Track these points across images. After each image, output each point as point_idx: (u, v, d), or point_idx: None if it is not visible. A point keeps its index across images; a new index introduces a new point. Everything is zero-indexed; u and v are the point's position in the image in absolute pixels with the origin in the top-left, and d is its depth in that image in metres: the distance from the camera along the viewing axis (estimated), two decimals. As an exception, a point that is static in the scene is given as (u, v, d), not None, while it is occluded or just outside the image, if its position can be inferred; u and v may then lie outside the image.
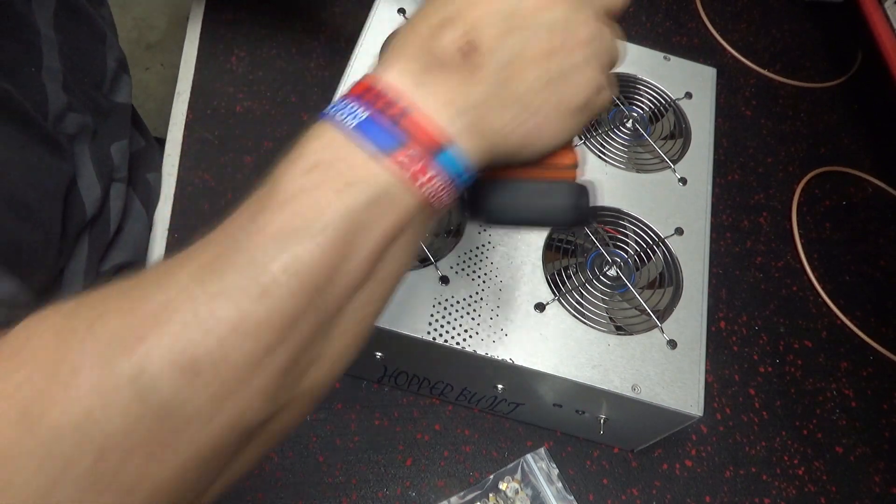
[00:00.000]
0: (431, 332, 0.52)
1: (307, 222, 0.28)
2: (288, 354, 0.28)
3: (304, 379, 0.29)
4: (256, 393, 0.27)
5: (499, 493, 0.59)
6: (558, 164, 0.36)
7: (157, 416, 0.25)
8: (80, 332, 0.26)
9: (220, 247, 0.28)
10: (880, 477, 0.67)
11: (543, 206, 0.37)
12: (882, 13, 0.80)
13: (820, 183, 0.84)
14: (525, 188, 0.36)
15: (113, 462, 0.25)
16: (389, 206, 0.29)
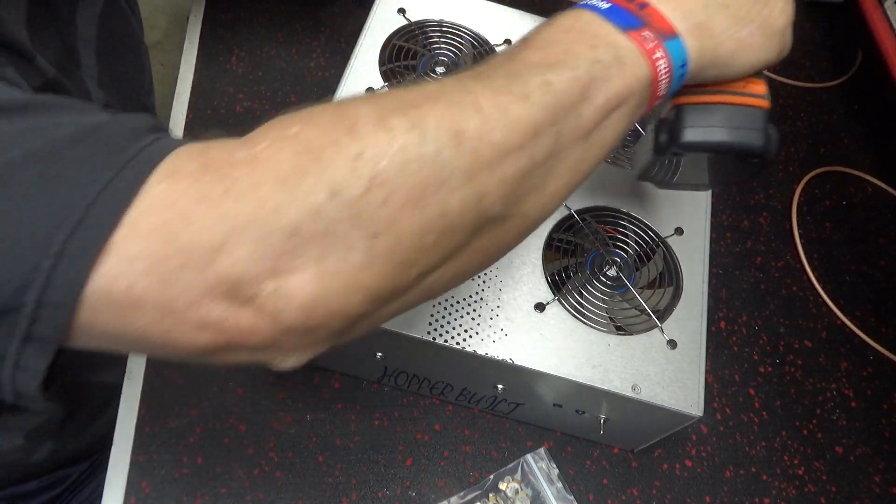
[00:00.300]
0: (431, 332, 0.52)
1: (562, 59, 0.34)
2: (527, 160, 0.32)
3: (527, 199, 0.34)
4: (498, 181, 0.32)
5: (499, 493, 0.59)
6: (752, 90, 0.39)
7: (419, 167, 0.29)
8: (360, 101, 0.31)
9: (485, 67, 0.34)
10: (880, 477, 0.67)
11: (738, 130, 0.40)
12: (882, 13, 0.80)
13: (820, 183, 0.84)
14: (721, 110, 0.39)
15: (375, 202, 0.29)
16: (626, 69, 0.35)
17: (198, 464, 0.58)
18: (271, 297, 0.29)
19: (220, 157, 0.30)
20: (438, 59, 0.66)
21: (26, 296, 0.27)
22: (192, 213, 0.28)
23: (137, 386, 0.61)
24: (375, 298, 0.31)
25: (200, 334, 0.29)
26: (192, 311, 0.29)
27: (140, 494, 0.56)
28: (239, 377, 0.62)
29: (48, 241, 0.27)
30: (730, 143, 0.40)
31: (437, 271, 0.33)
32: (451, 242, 0.32)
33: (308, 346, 0.33)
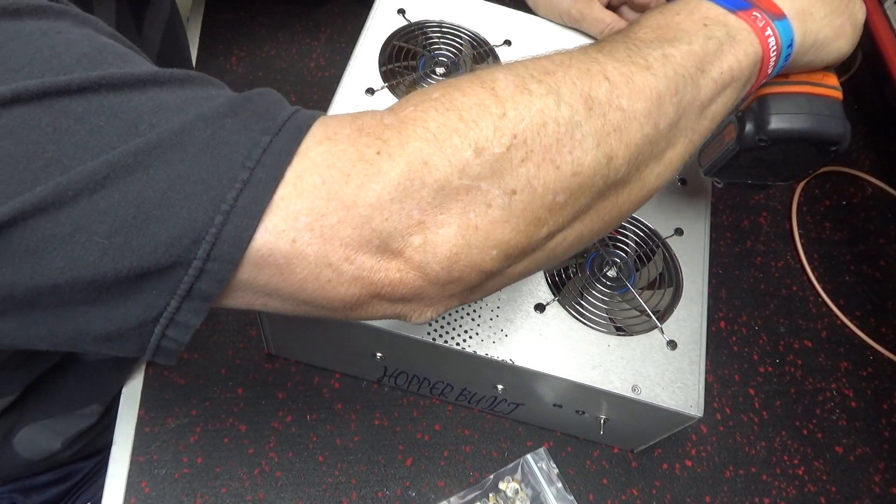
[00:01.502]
0: (431, 333, 0.53)
1: (676, 36, 0.36)
2: (651, 127, 0.35)
3: (647, 166, 0.36)
4: (624, 145, 0.34)
5: (499, 493, 0.59)
6: (829, 82, 0.43)
7: (555, 128, 0.32)
8: (495, 69, 0.34)
9: (604, 44, 0.36)
10: (880, 477, 0.67)
11: (820, 118, 0.43)
12: (882, 13, 0.80)
13: (820, 183, 0.84)
14: (804, 100, 0.43)
15: (515, 160, 0.31)
16: (738, 46, 0.37)
17: (198, 464, 0.58)
18: (419, 249, 0.31)
19: (372, 123, 0.32)
20: (438, 59, 0.66)
21: (198, 251, 0.29)
22: (350, 172, 0.31)
23: (137, 386, 0.61)
24: (509, 254, 0.33)
25: (352, 287, 0.32)
26: (347, 265, 0.31)
27: (140, 494, 0.56)
28: (239, 377, 0.62)
29: (221, 199, 0.29)
30: (815, 130, 0.44)
31: (562, 233, 0.35)
32: (578, 203, 0.34)
33: (444, 299, 0.34)
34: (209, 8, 0.81)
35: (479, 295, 0.37)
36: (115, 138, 0.29)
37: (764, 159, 0.48)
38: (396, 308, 0.34)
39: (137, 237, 0.29)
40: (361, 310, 0.34)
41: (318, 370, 0.63)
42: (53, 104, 0.29)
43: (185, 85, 0.32)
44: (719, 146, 0.49)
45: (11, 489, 0.61)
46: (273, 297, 0.33)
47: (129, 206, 0.29)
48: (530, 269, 0.36)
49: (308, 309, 0.34)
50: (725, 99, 0.38)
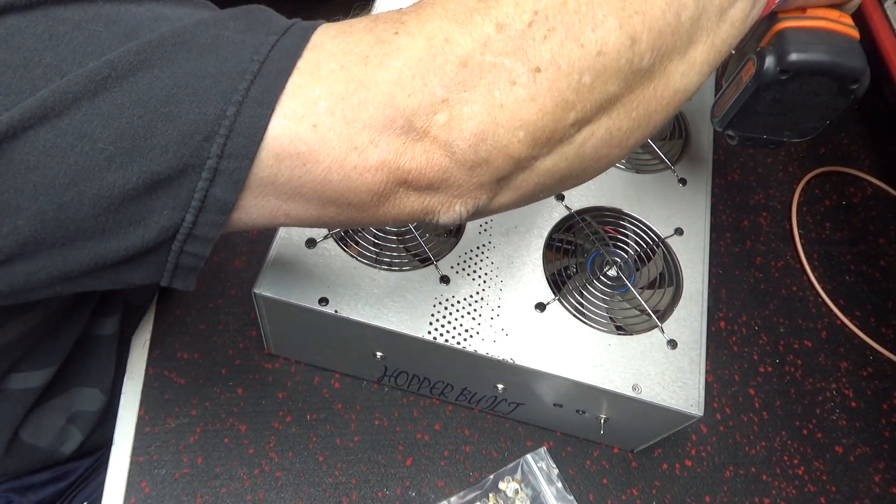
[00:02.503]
0: (432, 332, 0.52)
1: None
2: (673, 16, 0.34)
3: (671, 61, 0.35)
4: (648, 28, 0.33)
5: (499, 493, 0.59)
6: (845, 21, 0.43)
7: (577, 6, 0.31)
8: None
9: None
10: (880, 477, 0.67)
11: (841, 51, 0.43)
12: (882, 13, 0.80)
13: (820, 183, 0.84)
14: (823, 34, 0.43)
15: (538, 37, 0.31)
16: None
17: (198, 464, 0.58)
18: (444, 128, 0.31)
19: (388, 13, 0.32)
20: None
21: (211, 147, 0.29)
22: (368, 54, 0.30)
23: (137, 386, 0.61)
24: (536, 138, 0.32)
25: (378, 173, 0.31)
26: (373, 148, 0.31)
27: (140, 494, 0.56)
28: (239, 377, 0.62)
29: (231, 91, 0.29)
30: (836, 63, 0.43)
31: (590, 125, 0.34)
32: (605, 88, 0.33)
33: (473, 189, 0.33)
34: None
35: (509, 196, 0.35)
36: (115, 42, 0.28)
37: (783, 101, 0.48)
38: (424, 200, 0.33)
39: (145, 139, 0.28)
40: (389, 204, 0.33)
41: (318, 370, 0.63)
42: (49, 12, 0.28)
43: (182, 3, 0.32)
44: (736, 89, 0.49)
45: (7, 488, 0.61)
46: (296, 200, 0.32)
47: (134, 107, 0.28)
48: (560, 170, 0.35)
49: (334, 211, 0.33)
50: (744, 4, 0.37)
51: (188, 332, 0.63)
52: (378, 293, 0.53)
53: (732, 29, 0.38)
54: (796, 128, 0.51)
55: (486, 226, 0.58)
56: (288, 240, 0.54)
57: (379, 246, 0.56)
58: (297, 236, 0.54)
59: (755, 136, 0.53)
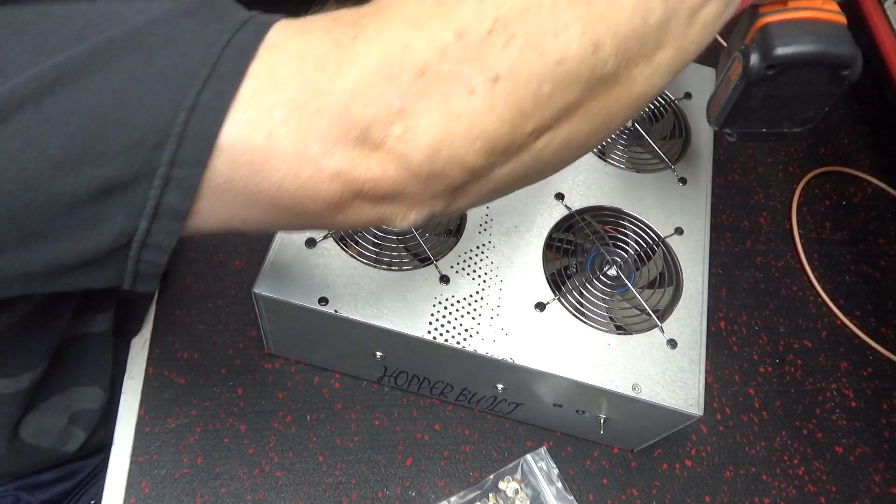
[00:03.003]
0: (432, 332, 0.52)
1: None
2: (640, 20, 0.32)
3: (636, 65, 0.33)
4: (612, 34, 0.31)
5: (499, 493, 0.59)
6: (830, 7, 0.41)
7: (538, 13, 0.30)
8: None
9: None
10: (880, 477, 0.67)
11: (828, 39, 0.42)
12: (882, 13, 0.80)
13: (820, 183, 0.84)
14: (807, 24, 0.41)
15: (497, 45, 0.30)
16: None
17: (198, 464, 0.58)
18: (399, 139, 0.30)
19: (348, 14, 0.31)
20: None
21: (162, 154, 0.28)
22: (325, 59, 0.29)
23: (137, 386, 0.61)
24: (493, 148, 0.31)
25: (333, 184, 0.30)
26: (327, 159, 0.30)
27: (140, 494, 0.56)
28: (239, 377, 0.62)
29: (182, 96, 0.28)
30: (823, 51, 0.42)
31: (550, 132, 0.33)
32: (565, 96, 0.32)
33: (428, 199, 0.33)
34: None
35: (464, 202, 0.35)
36: (64, 44, 0.27)
37: (775, 95, 0.47)
38: (379, 210, 0.33)
39: (95, 146, 0.27)
40: (344, 214, 0.32)
41: (318, 370, 0.63)
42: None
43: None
44: (726, 87, 0.48)
45: (15, 486, 0.61)
46: (252, 207, 0.31)
47: (83, 112, 0.27)
48: (518, 175, 0.34)
49: (290, 218, 0.32)
50: (717, 4, 0.36)
51: (188, 331, 0.63)
52: (378, 293, 0.53)
53: (703, 31, 0.36)
54: (794, 119, 0.50)
55: (486, 225, 0.58)
56: (288, 240, 0.54)
57: (379, 245, 0.56)
58: (296, 236, 0.54)
59: (753, 131, 0.52)
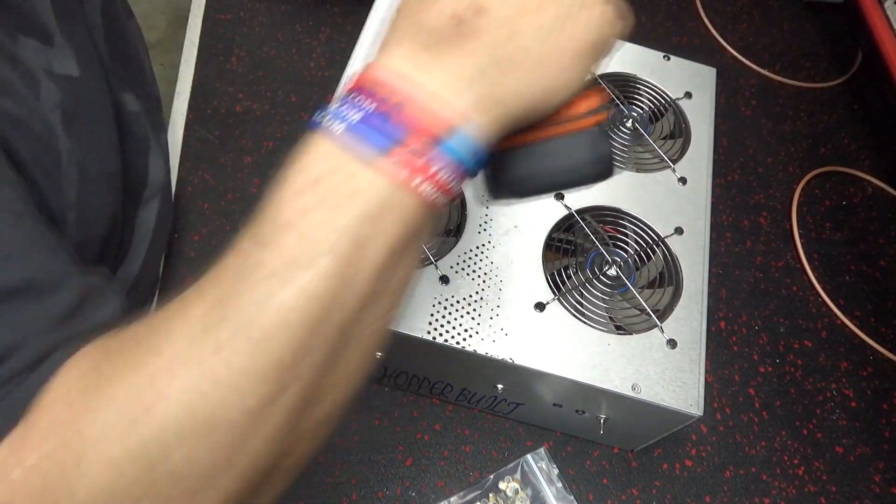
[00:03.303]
0: (431, 332, 0.52)
1: (306, 250, 0.26)
2: (295, 394, 0.27)
3: (314, 411, 0.28)
4: (268, 438, 0.27)
5: (499, 493, 0.59)
6: (575, 114, 0.33)
7: (171, 480, 0.25)
8: (98, 395, 0.26)
9: (221, 289, 0.27)
10: (880, 477, 0.67)
11: (568, 166, 0.34)
12: (882, 13, 0.80)
13: (820, 183, 0.84)
14: (544, 148, 0.33)
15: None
16: (392, 215, 0.27)
17: (198, 464, 0.58)
18: None
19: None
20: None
21: None
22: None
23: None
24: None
25: None
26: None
27: (140, 494, 0.56)
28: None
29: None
30: (563, 182, 0.35)
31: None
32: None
33: None
34: (209, 8, 0.81)
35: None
36: None
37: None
38: None
39: None
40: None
41: (318, 370, 0.63)
42: None
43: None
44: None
45: None
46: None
47: None
48: None
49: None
50: (405, 258, 0.29)
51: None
52: (378, 293, 0.53)
53: (392, 297, 0.29)
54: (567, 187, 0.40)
55: (486, 225, 0.58)
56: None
57: (379, 246, 0.56)
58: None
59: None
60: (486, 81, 0.29)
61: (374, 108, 0.28)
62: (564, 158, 0.34)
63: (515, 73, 0.29)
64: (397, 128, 0.27)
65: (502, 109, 0.30)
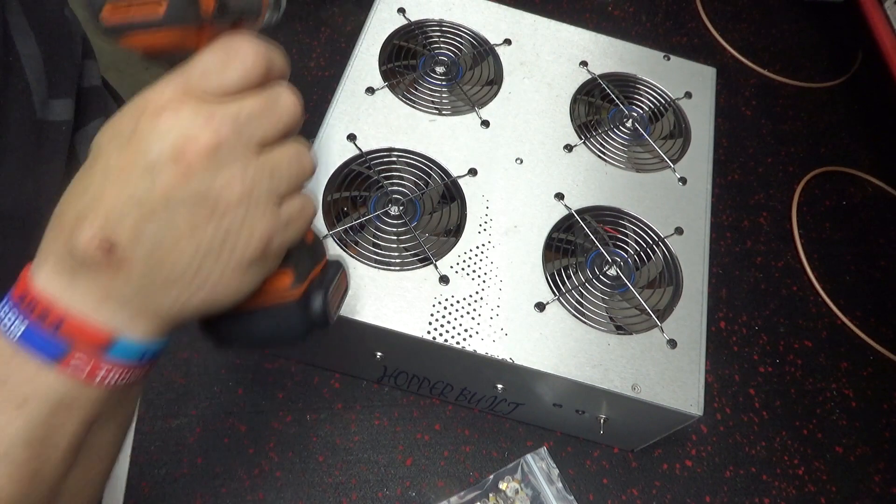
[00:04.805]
0: (431, 332, 0.52)
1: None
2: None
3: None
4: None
5: (499, 493, 0.59)
6: (276, 289, 0.35)
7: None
8: None
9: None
10: (880, 477, 0.67)
11: (270, 330, 0.36)
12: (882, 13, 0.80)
13: (820, 183, 0.84)
14: (249, 317, 0.35)
15: None
16: (74, 407, 0.29)
17: (198, 464, 0.58)
18: None
19: None
20: (438, 58, 0.66)
21: None
22: None
23: (137, 386, 0.61)
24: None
25: None
26: None
27: (140, 495, 0.56)
28: (239, 377, 0.62)
29: None
30: (274, 342, 0.38)
31: None
32: None
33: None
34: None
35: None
36: None
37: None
38: None
39: None
40: None
41: (318, 370, 0.63)
42: None
43: None
44: None
45: None
46: None
47: None
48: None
49: None
50: (100, 432, 0.31)
51: (188, 331, 0.63)
52: (378, 293, 0.53)
53: (96, 463, 0.32)
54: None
55: (486, 225, 0.58)
56: (288, 240, 0.54)
57: (379, 246, 0.56)
58: (296, 236, 0.54)
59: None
60: (138, 302, 0.30)
61: (38, 322, 0.29)
62: (274, 324, 0.36)
63: (172, 291, 0.30)
64: (63, 339, 0.29)
65: (163, 321, 0.31)
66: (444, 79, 0.65)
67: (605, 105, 0.68)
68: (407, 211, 0.58)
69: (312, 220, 0.34)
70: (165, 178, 0.28)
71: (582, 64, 0.69)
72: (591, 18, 0.91)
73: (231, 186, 0.29)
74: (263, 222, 0.31)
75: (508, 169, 0.61)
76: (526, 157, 0.62)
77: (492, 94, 0.65)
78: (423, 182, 0.59)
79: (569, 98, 0.66)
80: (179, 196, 0.28)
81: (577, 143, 0.64)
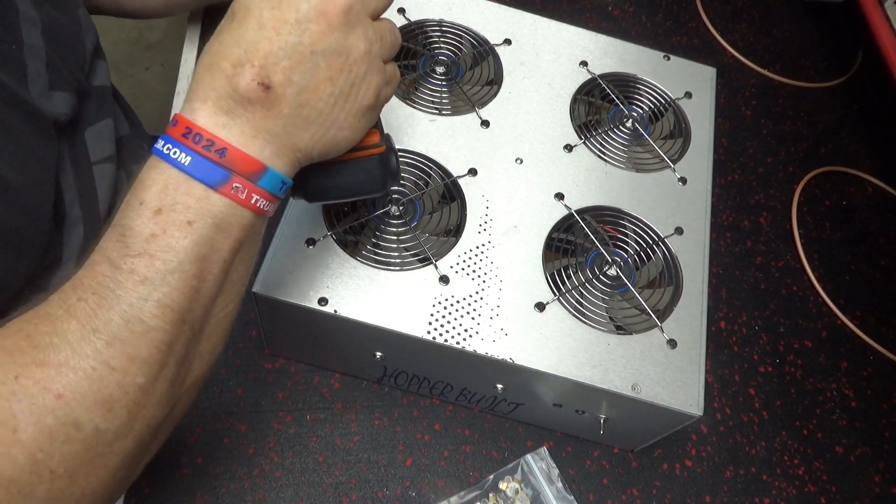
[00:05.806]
0: (431, 332, 0.52)
1: (167, 264, 0.34)
2: (173, 368, 0.35)
3: (188, 377, 0.37)
4: (156, 405, 0.35)
5: (499, 493, 0.59)
6: (366, 143, 0.43)
7: (86, 446, 0.32)
8: (11, 384, 0.31)
9: (98, 294, 0.33)
10: (880, 477, 0.67)
11: (358, 180, 0.44)
12: (882, 13, 0.80)
13: (820, 183, 0.84)
14: (340, 169, 0.43)
15: (61, 485, 0.32)
16: (230, 228, 0.36)
17: (198, 464, 0.58)
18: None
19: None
20: (438, 58, 0.66)
21: None
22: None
23: (137, 386, 0.60)
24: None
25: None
26: None
27: (140, 494, 0.56)
28: (239, 377, 0.62)
29: None
30: (354, 192, 0.46)
31: (137, 470, 0.38)
32: (139, 458, 0.37)
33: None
34: (209, 8, 0.81)
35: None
36: None
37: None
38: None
39: None
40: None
41: (318, 370, 0.63)
42: None
43: None
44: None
45: None
46: None
47: None
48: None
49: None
50: (243, 257, 0.38)
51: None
52: (378, 293, 0.53)
53: (237, 286, 0.39)
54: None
55: (486, 225, 0.58)
56: (287, 239, 0.54)
57: (378, 246, 0.56)
58: (296, 235, 0.54)
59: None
60: (282, 139, 0.37)
61: (202, 154, 0.35)
62: (359, 174, 0.44)
63: (310, 129, 0.38)
64: (225, 168, 0.35)
65: (300, 155, 0.38)
66: (444, 79, 0.65)
67: (605, 105, 0.68)
68: (407, 211, 0.58)
69: (398, 85, 0.44)
70: (312, 31, 0.35)
71: (582, 64, 0.69)
72: (591, 18, 0.91)
73: (358, 44, 0.37)
74: (377, 76, 0.39)
75: (508, 169, 0.61)
76: (526, 157, 0.62)
77: (492, 94, 0.65)
78: (423, 182, 0.59)
79: (569, 98, 0.66)
80: (321, 47, 0.36)
81: (577, 143, 0.64)
